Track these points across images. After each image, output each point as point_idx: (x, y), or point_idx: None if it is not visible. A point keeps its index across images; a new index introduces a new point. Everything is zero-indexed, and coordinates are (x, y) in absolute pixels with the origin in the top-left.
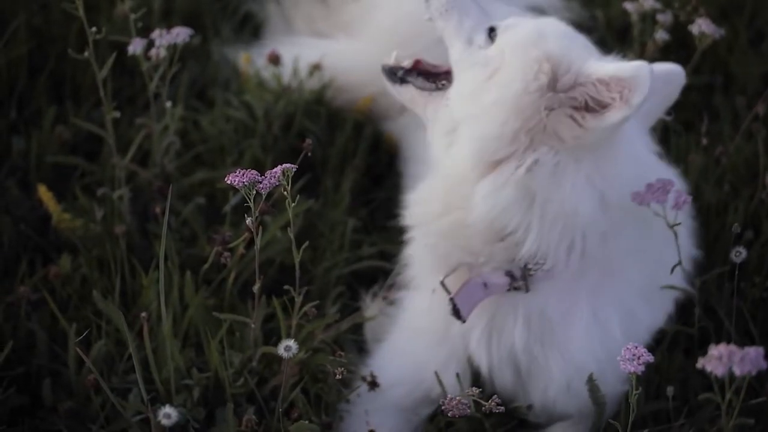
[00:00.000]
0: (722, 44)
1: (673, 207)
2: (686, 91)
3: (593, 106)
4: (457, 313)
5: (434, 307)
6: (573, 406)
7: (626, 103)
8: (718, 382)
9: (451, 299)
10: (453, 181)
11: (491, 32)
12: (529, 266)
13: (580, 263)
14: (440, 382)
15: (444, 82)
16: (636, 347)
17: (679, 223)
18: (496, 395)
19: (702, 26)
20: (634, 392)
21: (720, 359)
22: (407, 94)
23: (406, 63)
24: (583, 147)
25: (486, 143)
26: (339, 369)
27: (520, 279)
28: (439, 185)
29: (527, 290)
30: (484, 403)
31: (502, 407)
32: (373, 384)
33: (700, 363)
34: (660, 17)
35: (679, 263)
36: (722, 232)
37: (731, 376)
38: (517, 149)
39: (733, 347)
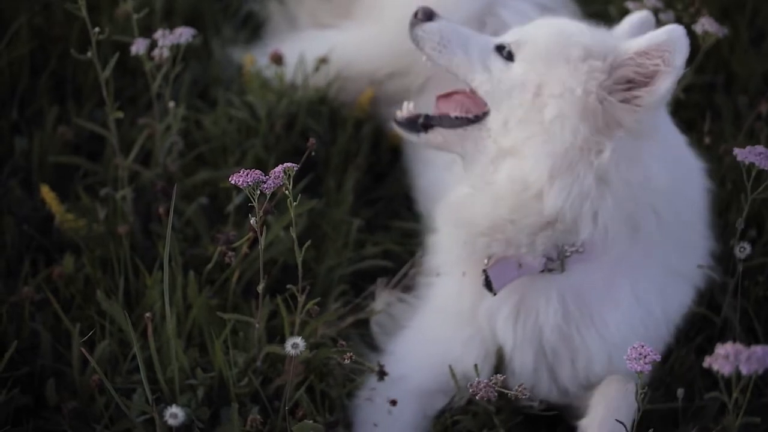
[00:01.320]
0: (724, 43)
1: None
2: (688, 90)
3: (640, 80)
4: (489, 285)
5: (464, 290)
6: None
7: (670, 65)
8: (724, 380)
9: (485, 271)
10: (510, 193)
11: (501, 50)
12: (566, 249)
13: (629, 243)
14: (452, 374)
15: (477, 114)
16: (642, 346)
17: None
18: (522, 383)
19: (706, 25)
20: (641, 391)
21: (727, 358)
22: (437, 138)
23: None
24: (642, 130)
25: (560, 158)
26: (347, 355)
27: (556, 260)
28: (487, 199)
29: (562, 271)
30: (506, 390)
31: (528, 393)
32: (382, 374)
33: (707, 362)
34: (662, 16)
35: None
36: (725, 231)
37: (738, 374)
38: (590, 149)
39: (739, 346)
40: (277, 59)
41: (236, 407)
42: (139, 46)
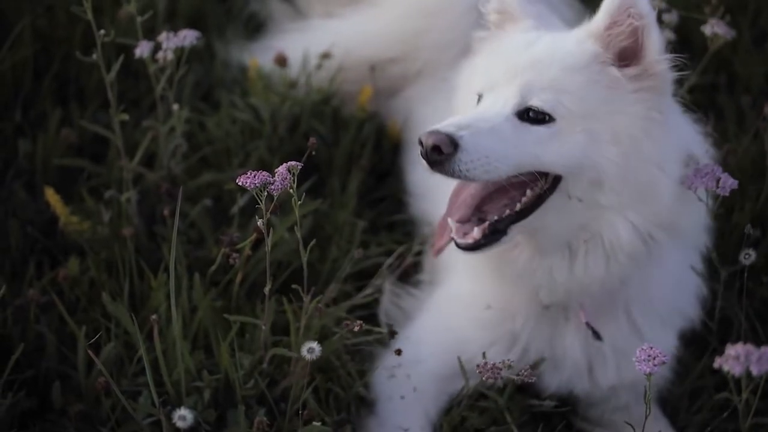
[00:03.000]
0: (726, 44)
1: (720, 191)
2: (691, 90)
3: (635, 48)
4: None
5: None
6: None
7: (642, 17)
8: (734, 381)
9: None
10: (634, 242)
11: (525, 116)
12: None
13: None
14: (462, 368)
15: (544, 189)
16: (651, 348)
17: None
18: (528, 365)
19: (715, 27)
20: (649, 393)
21: (737, 359)
22: (519, 231)
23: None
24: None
25: (679, 182)
26: (357, 323)
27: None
28: (598, 260)
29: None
30: (514, 377)
31: (534, 378)
32: (392, 333)
33: (717, 362)
34: (666, 17)
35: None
36: (729, 231)
37: (748, 374)
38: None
39: (750, 346)
40: (281, 61)
41: (243, 409)
42: (143, 49)
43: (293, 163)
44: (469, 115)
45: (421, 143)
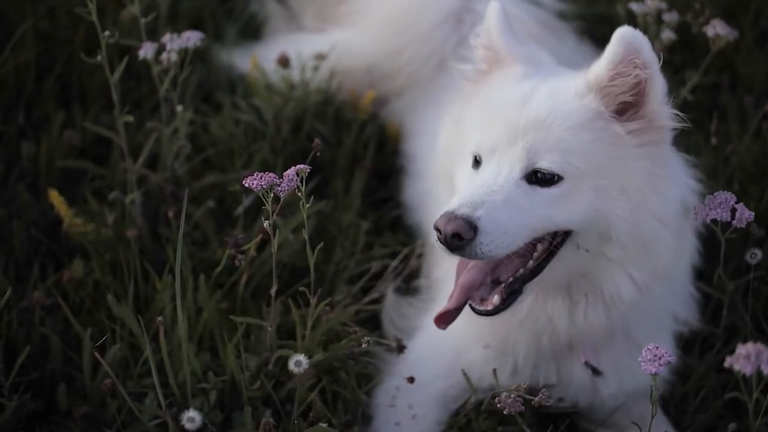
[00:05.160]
0: (728, 44)
1: (736, 223)
2: (693, 90)
3: (637, 100)
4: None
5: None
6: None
7: (645, 67)
8: (744, 381)
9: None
10: (632, 293)
11: (534, 178)
12: None
13: None
14: (470, 383)
15: (554, 244)
16: (657, 348)
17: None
18: (544, 389)
19: (717, 28)
20: (654, 393)
21: (748, 358)
22: (534, 288)
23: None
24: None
25: (677, 231)
26: (365, 339)
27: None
28: (599, 309)
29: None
30: (531, 397)
31: (551, 400)
32: (401, 348)
33: (728, 362)
34: (666, 17)
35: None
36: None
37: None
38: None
39: (761, 346)
40: (284, 62)
41: (249, 410)
42: (147, 50)
43: (302, 166)
44: (479, 188)
45: (438, 230)
